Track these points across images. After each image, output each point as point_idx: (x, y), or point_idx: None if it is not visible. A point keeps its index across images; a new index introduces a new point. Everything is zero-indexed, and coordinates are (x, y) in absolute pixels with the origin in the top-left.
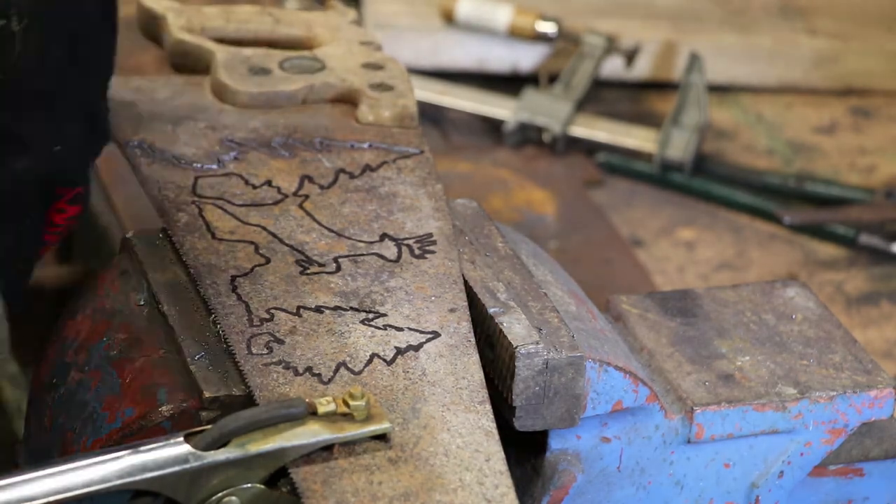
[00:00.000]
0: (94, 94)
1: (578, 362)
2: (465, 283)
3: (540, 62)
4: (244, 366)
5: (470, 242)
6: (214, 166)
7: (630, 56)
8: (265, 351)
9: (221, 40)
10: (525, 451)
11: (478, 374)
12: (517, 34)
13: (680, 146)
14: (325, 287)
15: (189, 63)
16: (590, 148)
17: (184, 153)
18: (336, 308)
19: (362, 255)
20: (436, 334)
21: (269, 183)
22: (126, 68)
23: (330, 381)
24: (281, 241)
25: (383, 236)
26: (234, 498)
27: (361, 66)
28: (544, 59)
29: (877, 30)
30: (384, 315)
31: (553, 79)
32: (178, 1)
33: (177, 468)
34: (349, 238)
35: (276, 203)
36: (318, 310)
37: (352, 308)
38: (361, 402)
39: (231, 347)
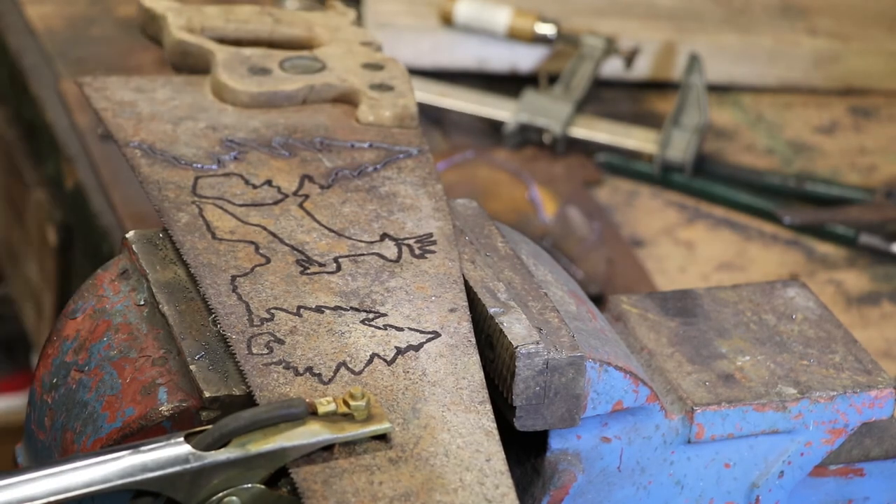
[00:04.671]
0: None
1: (579, 362)
2: (466, 283)
3: (539, 63)
4: (244, 366)
5: (470, 242)
6: (214, 166)
7: (629, 58)
8: (265, 351)
9: (221, 40)
10: (525, 451)
11: (478, 374)
12: (516, 36)
13: (680, 147)
14: (325, 287)
15: (189, 63)
16: (590, 149)
17: (184, 153)
18: (336, 308)
19: (362, 254)
20: (436, 334)
21: (269, 183)
22: (126, 68)
23: (330, 381)
24: (281, 240)
25: (383, 236)
26: (234, 498)
27: (362, 66)
28: (544, 59)
29: (877, 30)
30: (384, 315)
31: (553, 80)
32: (178, 1)
33: (177, 468)
34: (349, 238)
35: (276, 203)
36: (319, 310)
37: (352, 308)
38: (362, 403)
39: (231, 347)
